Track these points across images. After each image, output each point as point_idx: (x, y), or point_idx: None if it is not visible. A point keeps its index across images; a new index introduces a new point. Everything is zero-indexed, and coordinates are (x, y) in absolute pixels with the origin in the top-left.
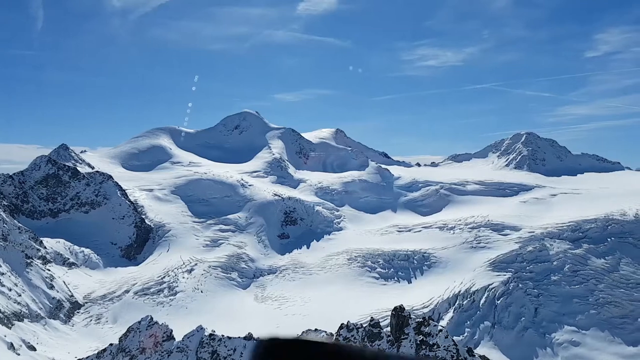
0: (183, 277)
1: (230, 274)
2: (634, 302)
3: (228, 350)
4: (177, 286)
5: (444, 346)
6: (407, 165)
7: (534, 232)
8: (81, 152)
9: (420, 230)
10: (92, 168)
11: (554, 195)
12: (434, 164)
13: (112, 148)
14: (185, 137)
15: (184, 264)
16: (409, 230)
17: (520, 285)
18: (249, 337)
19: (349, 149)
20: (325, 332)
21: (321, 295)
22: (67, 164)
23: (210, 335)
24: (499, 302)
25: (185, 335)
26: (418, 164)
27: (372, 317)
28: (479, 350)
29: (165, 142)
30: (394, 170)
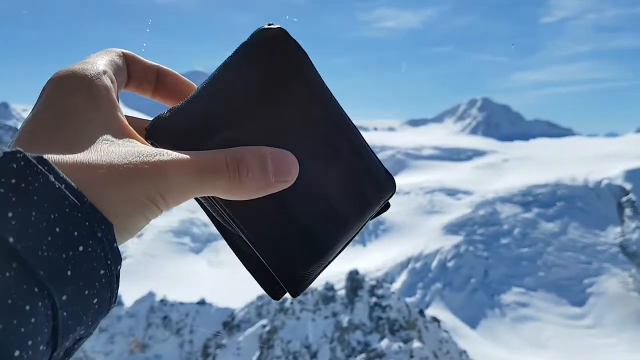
0: (132, 242)
1: (182, 238)
2: (581, 264)
3: (180, 315)
4: (125, 251)
5: (397, 308)
6: (364, 129)
7: (486, 196)
8: (23, 110)
9: None
10: None
11: (507, 160)
12: (391, 129)
13: None
14: (132, 96)
15: None
16: None
17: (471, 248)
18: (201, 302)
19: None
20: None
21: None
22: (7, 123)
23: (162, 300)
24: (450, 264)
25: (135, 301)
26: (375, 129)
27: (327, 281)
28: (430, 312)
29: None
30: None
